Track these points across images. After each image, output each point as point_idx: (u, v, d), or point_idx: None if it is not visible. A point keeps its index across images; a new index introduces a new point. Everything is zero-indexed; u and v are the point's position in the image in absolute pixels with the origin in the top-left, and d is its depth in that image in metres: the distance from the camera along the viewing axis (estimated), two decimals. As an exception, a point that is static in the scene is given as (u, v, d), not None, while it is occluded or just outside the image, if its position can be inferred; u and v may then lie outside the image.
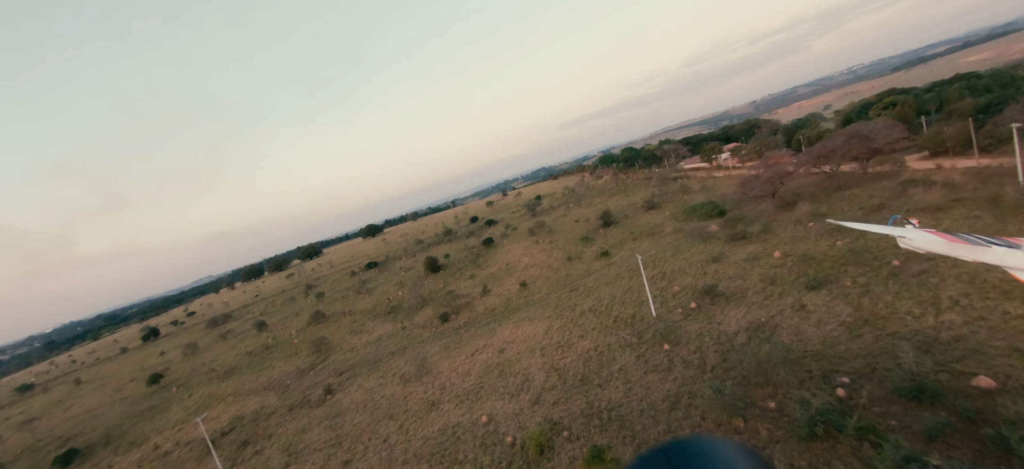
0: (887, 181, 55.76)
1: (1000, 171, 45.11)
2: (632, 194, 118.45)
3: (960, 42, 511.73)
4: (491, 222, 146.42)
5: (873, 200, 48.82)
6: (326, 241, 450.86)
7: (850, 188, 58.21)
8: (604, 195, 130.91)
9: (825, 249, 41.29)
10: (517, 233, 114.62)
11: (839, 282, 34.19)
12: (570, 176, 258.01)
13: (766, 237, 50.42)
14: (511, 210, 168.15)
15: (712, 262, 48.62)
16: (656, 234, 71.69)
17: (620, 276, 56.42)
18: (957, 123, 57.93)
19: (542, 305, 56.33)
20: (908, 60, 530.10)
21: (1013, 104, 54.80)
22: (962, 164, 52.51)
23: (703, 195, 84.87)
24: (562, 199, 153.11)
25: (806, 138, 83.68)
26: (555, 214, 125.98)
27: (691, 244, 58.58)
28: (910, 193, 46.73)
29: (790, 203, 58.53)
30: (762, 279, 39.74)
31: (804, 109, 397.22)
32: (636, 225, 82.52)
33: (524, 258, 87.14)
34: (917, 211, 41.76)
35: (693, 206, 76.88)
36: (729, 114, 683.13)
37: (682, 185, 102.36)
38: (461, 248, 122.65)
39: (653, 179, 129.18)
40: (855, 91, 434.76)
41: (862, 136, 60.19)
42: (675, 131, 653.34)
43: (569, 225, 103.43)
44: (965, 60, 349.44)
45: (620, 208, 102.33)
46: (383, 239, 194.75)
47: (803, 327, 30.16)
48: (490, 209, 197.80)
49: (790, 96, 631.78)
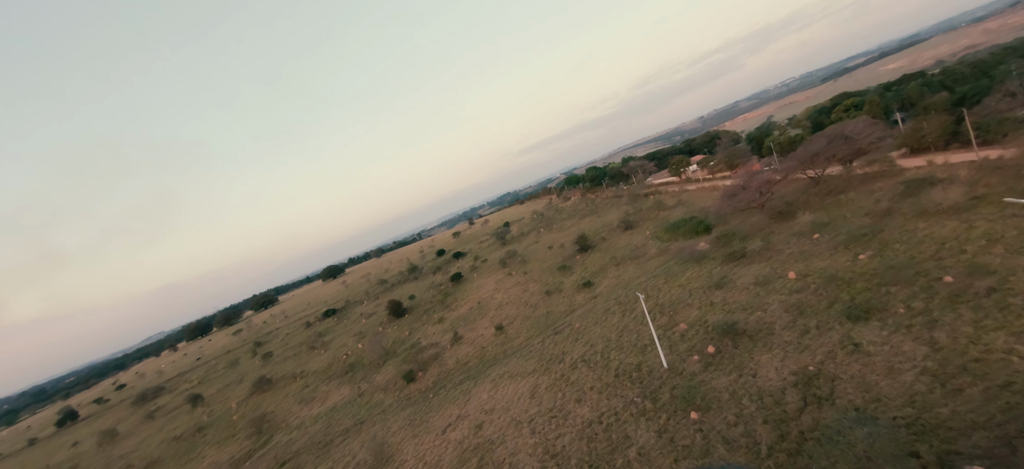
0: (881, 182, 51.63)
1: (1005, 163, 41.21)
2: (604, 214, 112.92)
3: (876, 53, 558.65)
4: (459, 255, 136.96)
5: (880, 204, 43.88)
6: (285, 286, 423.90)
7: (842, 192, 53.80)
8: (575, 217, 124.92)
9: (848, 266, 35.17)
10: (487, 265, 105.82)
11: (889, 309, 27.61)
12: (537, 199, 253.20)
13: (769, 254, 44.28)
14: (479, 240, 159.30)
15: (716, 289, 41.74)
16: (640, 257, 64.96)
17: (610, 311, 48.66)
18: (936, 117, 55.33)
19: (523, 355, 47.51)
20: (833, 72, 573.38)
21: (990, 95, 52.68)
22: (955, 158, 49.09)
23: (682, 210, 79.74)
24: (531, 224, 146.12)
25: (777, 144, 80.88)
26: (526, 241, 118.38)
27: (683, 267, 51.91)
28: (920, 193, 42.01)
29: (784, 213, 53.33)
30: (785, 308, 32.88)
31: (749, 121, 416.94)
32: (616, 248, 75.84)
33: (497, 294, 78.27)
34: (940, 214, 36.66)
35: (674, 223, 71.15)
36: (681, 130, 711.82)
37: (656, 201, 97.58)
38: (427, 286, 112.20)
39: (624, 197, 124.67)
40: (791, 102, 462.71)
41: (844, 137, 56.48)
42: (632, 149, 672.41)
43: (543, 253, 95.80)
44: (883, 68, 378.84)
45: (595, 230, 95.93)
46: (344, 281, 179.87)
47: (871, 378, 23.02)
48: (457, 240, 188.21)
49: (734, 110, 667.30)
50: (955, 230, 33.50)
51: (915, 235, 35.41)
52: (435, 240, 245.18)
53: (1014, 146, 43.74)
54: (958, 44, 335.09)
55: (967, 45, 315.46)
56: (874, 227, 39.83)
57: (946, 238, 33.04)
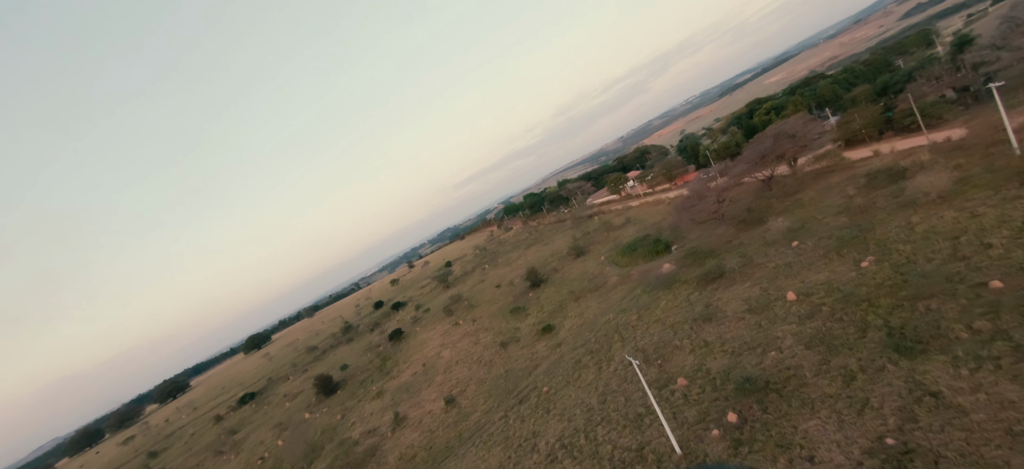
0: (835, 177, 48.87)
1: (966, 143, 39.13)
2: (550, 241, 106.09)
3: (758, 69, 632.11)
4: (398, 305, 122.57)
5: (855, 201, 39.89)
6: (204, 363, 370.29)
7: (798, 192, 50.47)
8: (520, 248, 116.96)
9: (855, 277, 29.42)
10: (431, 315, 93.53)
11: (945, 333, 21.29)
12: (478, 233, 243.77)
13: (751, 271, 38.26)
14: (420, 284, 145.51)
15: (704, 322, 34.53)
16: (601, 288, 57.47)
17: (581, 364, 39.76)
18: (866, 108, 54.81)
19: (483, 440, 36.79)
20: (726, 88, 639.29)
21: (913, 83, 53.08)
22: (901, 145, 47.59)
23: (633, 229, 74.52)
24: (475, 261, 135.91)
25: (712, 151, 79.35)
26: (471, 281, 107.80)
27: (654, 296, 44.78)
28: (891, 185, 38.49)
29: (749, 221, 48.64)
30: (806, 344, 25.92)
31: (664, 137, 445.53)
32: (570, 279, 68.09)
33: (445, 351, 66.68)
34: (929, 204, 32.57)
35: (629, 244, 65.14)
36: (604, 150, 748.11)
37: (602, 221, 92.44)
38: (364, 349, 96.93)
39: (567, 220, 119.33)
40: (697, 116, 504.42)
41: (788, 135, 53.95)
42: (563, 172, 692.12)
43: (491, 293, 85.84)
44: (767, 81, 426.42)
45: (544, 260, 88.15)
46: (267, 353, 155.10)
47: (990, 451, 15.78)
48: (396, 288, 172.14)
49: (648, 128, 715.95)
50: (959, 221, 29.03)
51: (914, 231, 30.68)
52: (373, 289, 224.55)
53: (960, 126, 42.38)
54: (823, 56, 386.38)
55: (829, 57, 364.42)
56: (859, 226, 35.18)
57: (953, 231, 28.37)
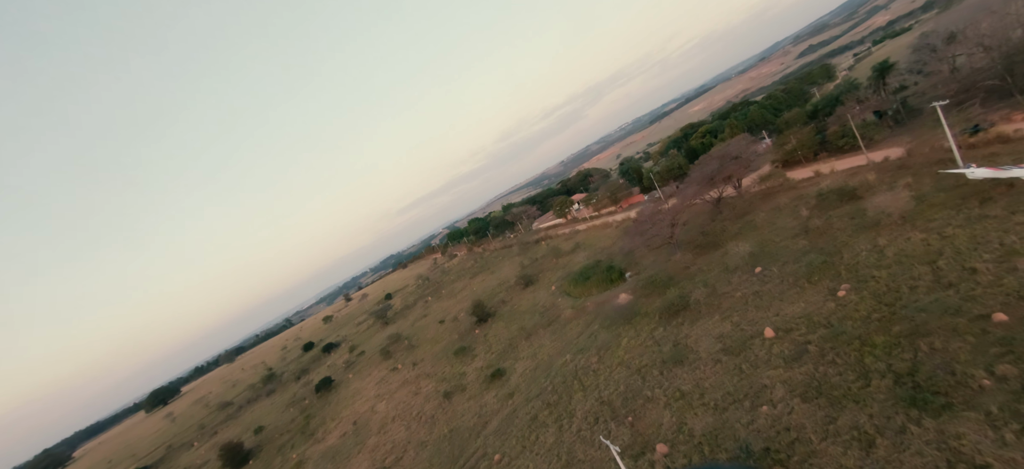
0: (782, 197, 48.16)
1: (908, 163, 39.25)
2: (497, 269, 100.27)
3: (682, 99, 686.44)
4: (330, 347, 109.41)
5: (813, 222, 38.26)
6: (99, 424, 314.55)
7: (748, 213, 49.20)
8: (465, 277, 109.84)
9: (834, 309, 26.50)
10: (366, 359, 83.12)
11: (963, 382, 18.00)
12: (421, 260, 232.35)
13: (717, 302, 34.87)
14: (356, 321, 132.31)
15: (674, 365, 30.14)
16: (554, 322, 52.24)
17: (539, 421, 33.70)
18: (801, 131, 55.96)
19: (422, 536, 29.15)
20: (656, 116, 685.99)
21: (842, 106, 54.97)
22: (841, 165, 48.03)
23: (583, 254, 70.89)
24: (417, 292, 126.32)
25: (656, 173, 78.96)
26: (412, 316, 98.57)
27: (614, 332, 40.23)
28: (845, 205, 37.35)
29: (705, 246, 46.13)
30: (801, 396, 21.98)
31: (602, 161, 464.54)
32: (520, 311, 62.40)
33: (380, 405, 57.53)
34: (891, 225, 31.02)
35: (581, 271, 61.01)
36: (547, 174, 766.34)
37: (550, 247, 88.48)
38: (286, 403, 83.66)
39: (514, 246, 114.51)
40: (631, 142, 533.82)
41: (732, 156, 53.23)
42: (507, 196, 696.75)
43: (434, 330, 77.74)
44: (691, 110, 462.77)
45: (491, 291, 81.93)
46: (170, 412, 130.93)
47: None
48: (329, 326, 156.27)
49: (586, 153, 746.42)
50: (929, 243, 27.28)
51: (884, 255, 28.63)
52: (305, 328, 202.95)
53: (894, 146, 43.09)
54: (736, 88, 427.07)
55: (742, 89, 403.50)
56: (822, 250, 33.08)
57: (927, 255, 26.43)
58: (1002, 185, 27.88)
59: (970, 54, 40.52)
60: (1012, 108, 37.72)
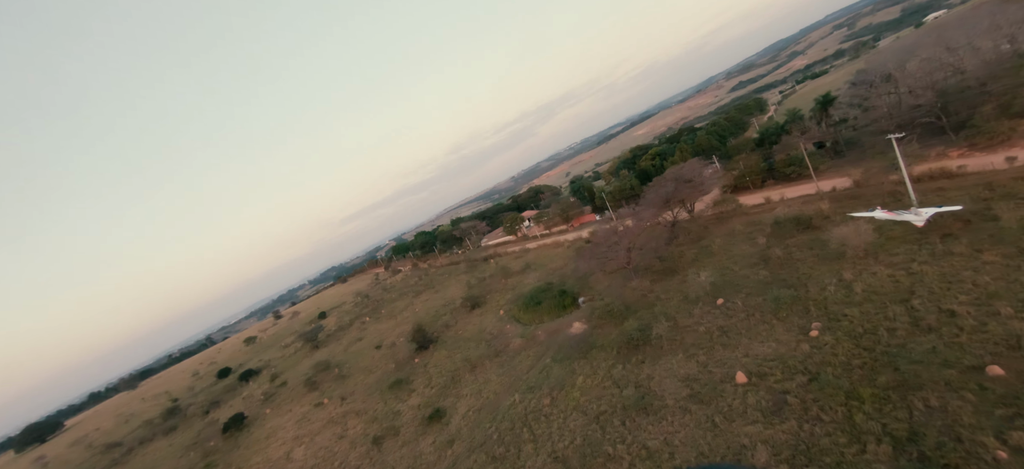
0: (736, 223, 47.20)
1: (859, 194, 39.22)
2: (442, 287, 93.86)
3: (627, 123, 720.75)
4: (249, 374, 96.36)
5: (773, 251, 36.75)
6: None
7: (703, 238, 47.77)
8: (408, 296, 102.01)
9: (808, 352, 24.09)
10: (289, 390, 73.01)
11: (979, 455, 15.45)
12: (363, 274, 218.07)
13: (680, 337, 31.90)
14: (283, 343, 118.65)
15: (637, 413, 26.37)
16: (502, 353, 47.32)
17: (483, 481, 28.43)
18: (751, 157, 56.37)
19: None
20: (603, 137, 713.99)
21: (787, 136, 56.11)
22: (791, 193, 48.08)
23: (533, 275, 66.92)
24: (354, 311, 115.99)
25: (608, 193, 77.53)
26: (346, 339, 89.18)
27: (568, 368, 36.14)
28: (799, 234, 36.21)
29: (662, 272, 43.68)
30: (784, 459, 18.79)
31: (552, 178, 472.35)
32: (465, 338, 56.88)
33: (298, 450, 49.11)
34: (860, 258, 29.69)
35: (531, 295, 56.83)
36: (497, 189, 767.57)
37: (499, 266, 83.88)
38: (187, 446, 70.96)
39: (461, 263, 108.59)
40: (580, 161, 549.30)
41: (686, 179, 52.12)
42: (457, 210, 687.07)
43: (369, 357, 69.83)
44: (636, 134, 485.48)
45: (434, 313, 75.55)
46: (43, 457, 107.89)
47: None
48: (252, 349, 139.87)
49: (537, 170, 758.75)
50: (898, 279, 25.88)
51: (852, 291, 26.95)
52: (224, 349, 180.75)
53: (841, 176, 43.46)
54: (676, 116, 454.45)
55: (680, 117, 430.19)
56: (786, 282, 31.25)
57: (898, 293, 24.90)
58: (960, 220, 27.35)
59: (909, 91, 42.37)
60: (946, 145, 39.28)
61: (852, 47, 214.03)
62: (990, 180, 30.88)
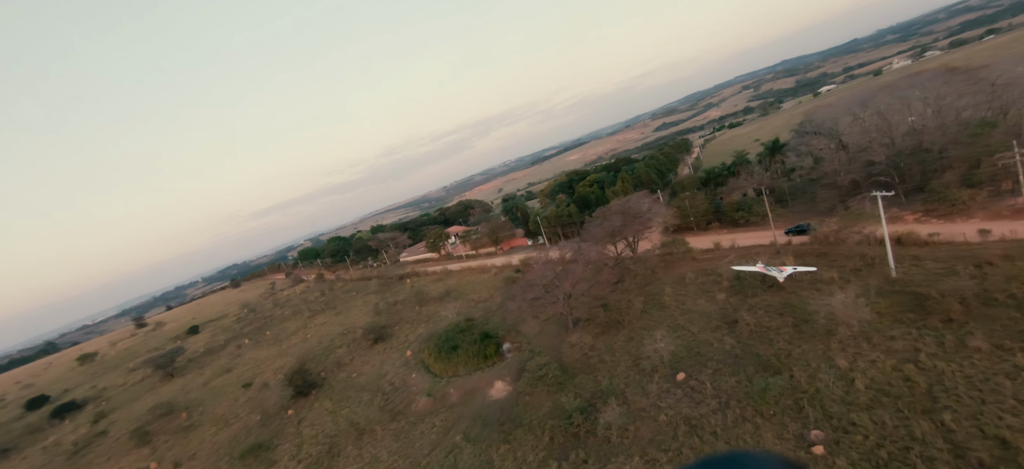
0: (687, 268, 41.49)
1: (826, 251, 34.90)
2: (346, 309, 79.36)
3: (560, 148, 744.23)
4: (66, 409, 72.65)
5: (742, 316, 30.55)
6: None
7: (651, 283, 41.38)
8: (303, 314, 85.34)
9: (819, 480, 17.00)
10: (108, 442, 54.04)
11: None
12: (261, 279, 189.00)
13: (634, 427, 23.92)
14: (129, 366, 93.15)
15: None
16: (401, 415, 36.20)
17: None
18: (698, 197, 52.08)
19: None
20: (536, 158, 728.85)
21: (734, 179, 53.02)
22: (744, 240, 43.63)
23: (452, 306, 56.48)
24: (233, 329, 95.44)
25: (544, 218, 70.35)
26: (211, 369, 70.66)
27: (484, 455, 26.47)
28: (793, 301, 30.52)
29: (607, 324, 35.99)
30: None
31: (484, 192, 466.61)
32: (358, 388, 44.61)
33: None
34: (854, 338, 24.07)
35: (447, 335, 46.42)
36: (428, 197, 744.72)
37: (415, 289, 72.10)
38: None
39: (374, 279, 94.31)
40: (512, 178, 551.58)
41: (634, 214, 46.09)
42: (383, 214, 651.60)
43: (230, 400, 53.88)
44: (569, 158, 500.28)
45: (328, 343, 61.63)
46: None
47: None
48: (86, 369, 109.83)
49: (470, 182, 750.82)
50: (909, 376, 20.26)
51: (854, 387, 20.94)
52: (55, 363, 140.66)
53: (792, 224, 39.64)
54: (605, 147, 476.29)
55: (609, 149, 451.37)
56: (763, 361, 24.86)
57: (916, 398, 19.13)
58: (958, 302, 22.84)
59: (862, 149, 40.61)
60: (899, 207, 37.26)
61: (760, 106, 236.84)
62: (973, 253, 27.63)
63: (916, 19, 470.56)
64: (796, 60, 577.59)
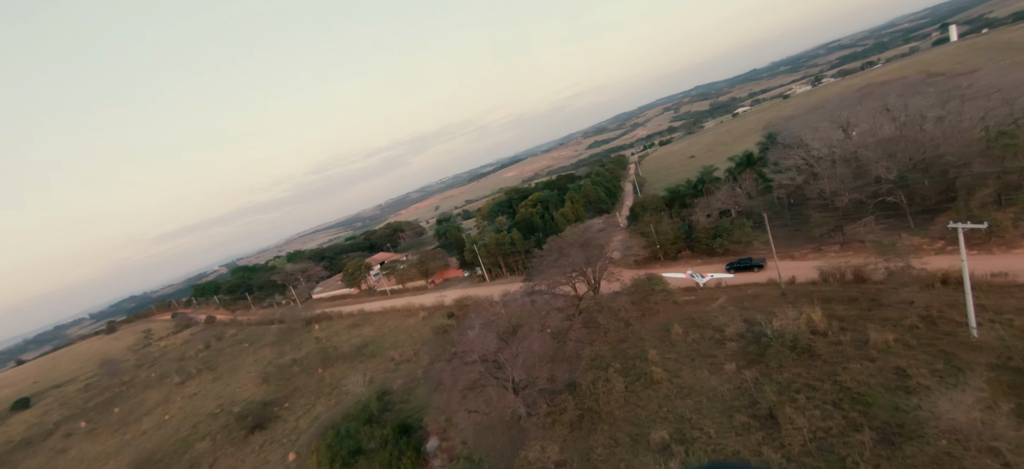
0: (668, 317, 31.52)
1: (852, 295, 26.50)
2: (232, 369, 60.72)
3: (497, 165, 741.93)
4: None
5: (779, 397, 20.48)
6: None
7: (626, 340, 30.79)
8: (169, 379, 64.52)
9: None
10: None
11: None
12: (145, 320, 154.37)
13: None
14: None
15: None
16: None
17: None
18: (668, 222, 43.00)
19: None
20: (474, 175, 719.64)
21: (702, 198, 45.11)
22: (737, 279, 34.67)
23: (362, 367, 41.95)
24: (74, 403, 71.07)
25: (482, 247, 58.33)
26: (8, 479, 48.69)
27: None
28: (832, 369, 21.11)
29: (578, 417, 24.37)
30: None
31: (421, 210, 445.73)
32: (204, 526, 28.67)
33: None
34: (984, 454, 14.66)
35: (348, 427, 32.20)
36: (362, 216, 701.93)
37: (322, 345, 56.00)
38: None
39: (275, 323, 75.42)
40: (450, 195, 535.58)
41: (596, 245, 35.84)
42: (311, 235, 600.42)
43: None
44: (506, 175, 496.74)
45: (188, 432, 43.83)
46: None
47: None
48: None
49: (406, 200, 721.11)
50: None
51: None
52: None
53: (806, 259, 31.48)
54: (541, 164, 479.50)
55: (545, 166, 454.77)
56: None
57: None
58: None
59: (863, 163, 34.11)
60: (910, 233, 30.59)
61: (684, 125, 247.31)
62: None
63: (802, 54, 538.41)
64: (708, 86, 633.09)
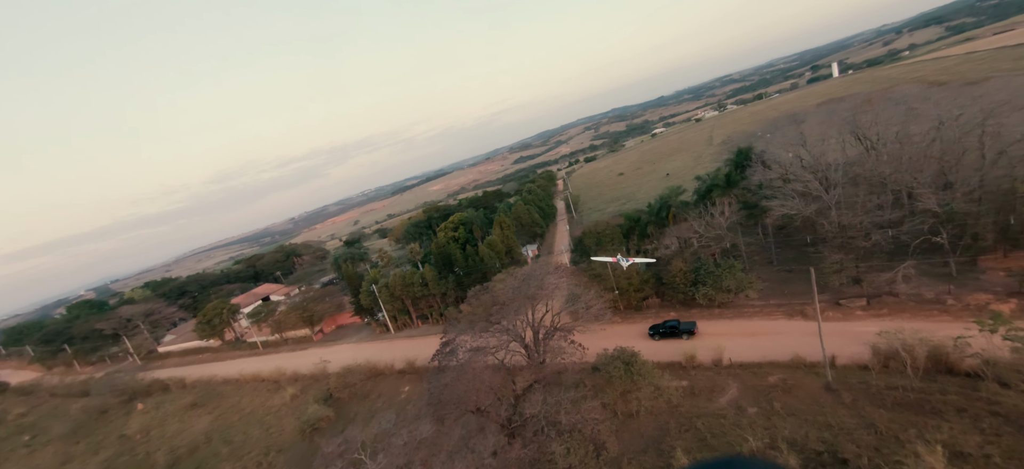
0: (654, 418, 20.24)
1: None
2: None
3: (423, 177, 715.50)
4: None
5: None
6: None
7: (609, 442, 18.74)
8: None
9: None
10: None
11: None
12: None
13: None
14: None
15: None
16: None
17: None
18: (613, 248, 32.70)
19: None
20: (398, 188, 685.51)
21: (667, 227, 35.45)
22: (739, 340, 24.73)
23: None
24: None
25: (385, 287, 43.43)
26: None
27: None
28: None
29: None
30: None
31: (338, 225, 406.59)
32: None
33: None
34: None
35: None
36: (270, 230, 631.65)
37: (128, 445, 36.56)
38: None
39: (93, 393, 51.80)
40: (371, 209, 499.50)
41: (540, 299, 23.77)
42: (209, 253, 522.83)
43: None
44: (432, 188, 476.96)
45: None
46: None
47: None
48: None
49: (323, 213, 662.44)
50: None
51: None
52: None
53: (780, 314, 22.18)
54: (468, 178, 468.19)
55: (472, 179, 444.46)
56: None
57: None
58: None
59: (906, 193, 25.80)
60: (959, 286, 22.71)
61: (606, 143, 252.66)
62: None
63: (701, 85, 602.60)
64: (623, 108, 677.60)
